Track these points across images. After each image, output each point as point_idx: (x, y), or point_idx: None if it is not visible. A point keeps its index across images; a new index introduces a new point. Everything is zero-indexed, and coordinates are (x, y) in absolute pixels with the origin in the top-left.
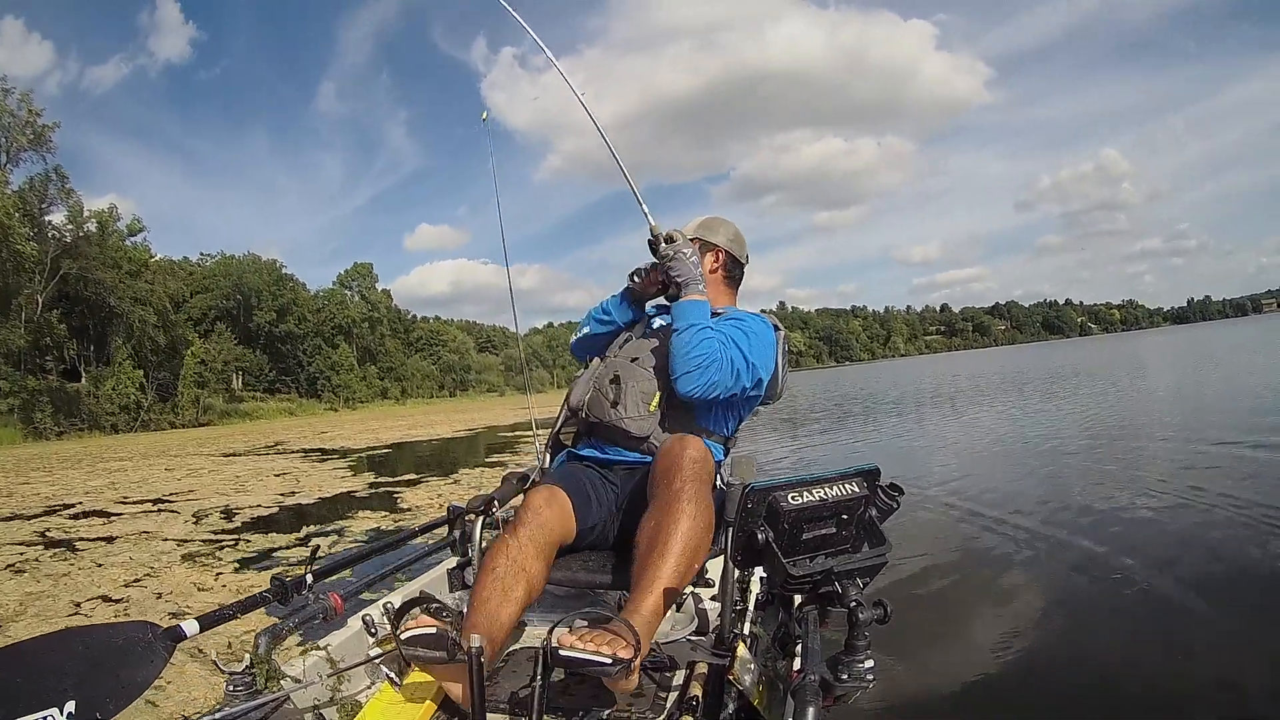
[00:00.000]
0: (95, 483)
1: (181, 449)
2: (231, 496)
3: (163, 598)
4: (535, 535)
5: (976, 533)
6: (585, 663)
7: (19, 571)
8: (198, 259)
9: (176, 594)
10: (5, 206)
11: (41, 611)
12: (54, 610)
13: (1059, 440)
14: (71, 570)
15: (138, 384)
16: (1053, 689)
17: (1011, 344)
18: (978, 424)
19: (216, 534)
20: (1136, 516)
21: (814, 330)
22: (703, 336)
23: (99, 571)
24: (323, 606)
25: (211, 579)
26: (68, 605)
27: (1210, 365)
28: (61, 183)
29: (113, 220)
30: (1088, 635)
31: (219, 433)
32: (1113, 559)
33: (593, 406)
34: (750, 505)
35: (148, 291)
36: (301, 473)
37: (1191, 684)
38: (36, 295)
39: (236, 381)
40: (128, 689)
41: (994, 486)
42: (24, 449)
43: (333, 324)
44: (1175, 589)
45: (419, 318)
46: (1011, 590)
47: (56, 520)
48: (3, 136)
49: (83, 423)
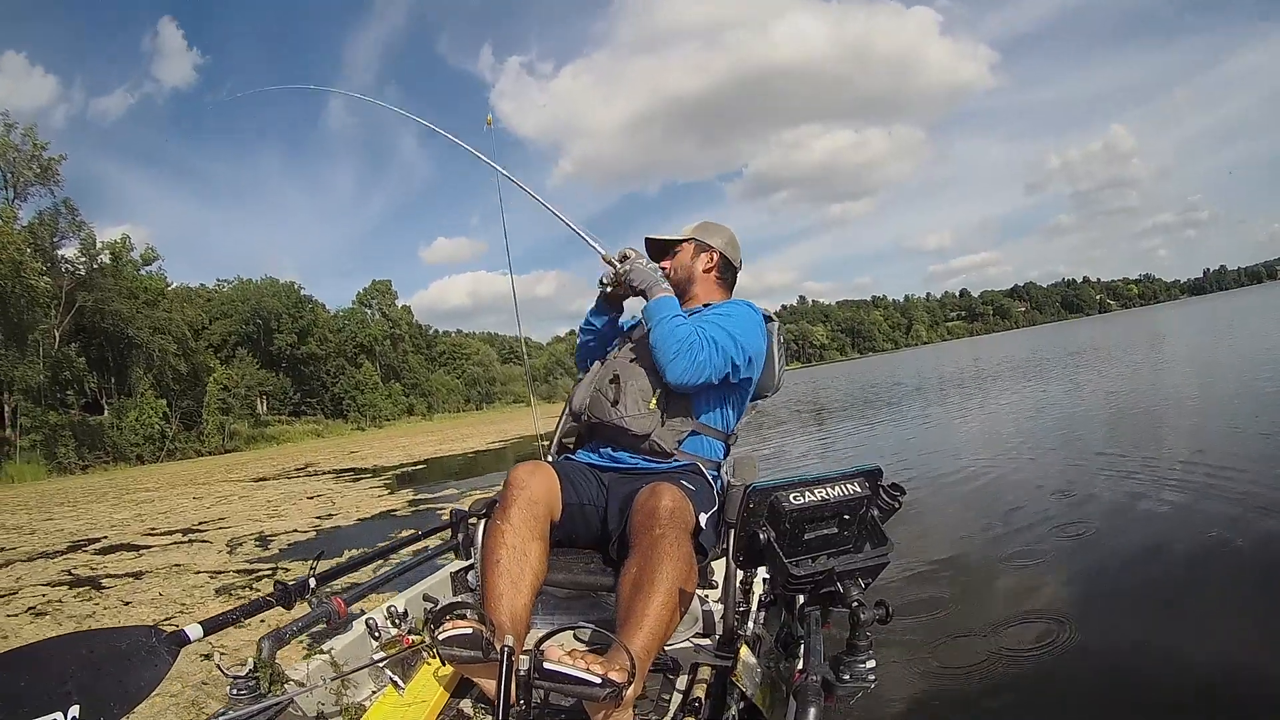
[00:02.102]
0: (121, 515)
1: (209, 476)
2: (265, 522)
3: None
4: (524, 512)
5: (986, 527)
6: (572, 680)
7: (40, 614)
8: (214, 285)
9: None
10: (16, 242)
11: None
12: None
13: (1074, 430)
14: (96, 610)
15: (161, 413)
16: (1059, 689)
17: (1032, 325)
18: (993, 412)
19: (252, 563)
20: (1154, 514)
21: (835, 323)
22: (676, 324)
23: (125, 611)
24: (326, 610)
25: None
26: None
27: (1228, 336)
28: (72, 215)
29: (126, 250)
30: (1095, 635)
31: (246, 458)
32: (1126, 558)
33: (594, 407)
34: (752, 505)
35: (166, 320)
36: (336, 494)
37: (1201, 684)
38: (53, 330)
39: (261, 406)
40: (132, 693)
41: (1006, 480)
42: (48, 484)
43: (354, 343)
44: (1190, 589)
45: (440, 332)
46: (1018, 589)
47: (82, 557)
48: (9, 172)
49: (107, 455)
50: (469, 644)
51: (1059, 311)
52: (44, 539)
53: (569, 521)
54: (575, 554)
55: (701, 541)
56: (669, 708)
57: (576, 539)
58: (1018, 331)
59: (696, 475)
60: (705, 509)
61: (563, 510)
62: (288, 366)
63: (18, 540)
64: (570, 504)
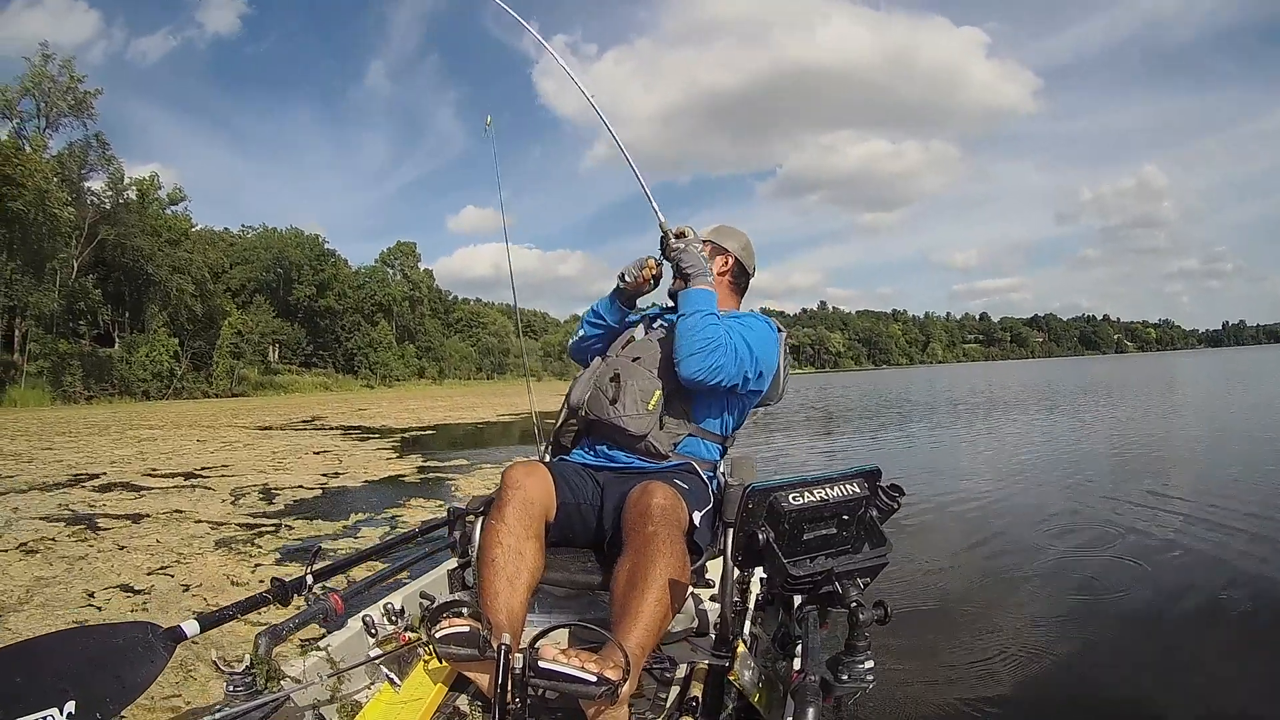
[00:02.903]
0: (123, 452)
1: (214, 419)
2: (270, 474)
3: (190, 591)
4: (520, 511)
5: (987, 538)
6: (567, 678)
7: (31, 552)
8: (238, 230)
9: (206, 587)
10: (43, 170)
11: (49, 601)
12: (64, 600)
13: (1080, 455)
14: (90, 553)
15: (172, 352)
16: (1050, 695)
17: (1048, 357)
18: (1004, 432)
19: (255, 517)
20: (1150, 535)
21: (853, 331)
22: (709, 322)
23: (120, 556)
24: (323, 607)
25: (248, 572)
26: (80, 595)
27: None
28: (102, 149)
29: (154, 188)
30: (1090, 646)
31: (253, 404)
32: (1121, 573)
33: (592, 404)
34: (751, 506)
35: (186, 260)
36: (343, 452)
37: (1184, 700)
38: (72, 260)
39: (273, 354)
40: (128, 689)
41: (1010, 496)
42: (51, 411)
43: (373, 301)
44: (1182, 608)
45: (460, 299)
46: (1015, 597)
47: (80, 493)
48: (42, 101)
49: (113, 388)
50: (466, 642)
51: (1076, 346)
52: (41, 469)
53: (565, 521)
54: (572, 553)
55: (696, 540)
56: (666, 707)
57: (573, 538)
58: (1033, 361)
59: (690, 475)
60: (699, 507)
61: (558, 510)
62: (304, 317)
63: (15, 468)
64: (566, 504)
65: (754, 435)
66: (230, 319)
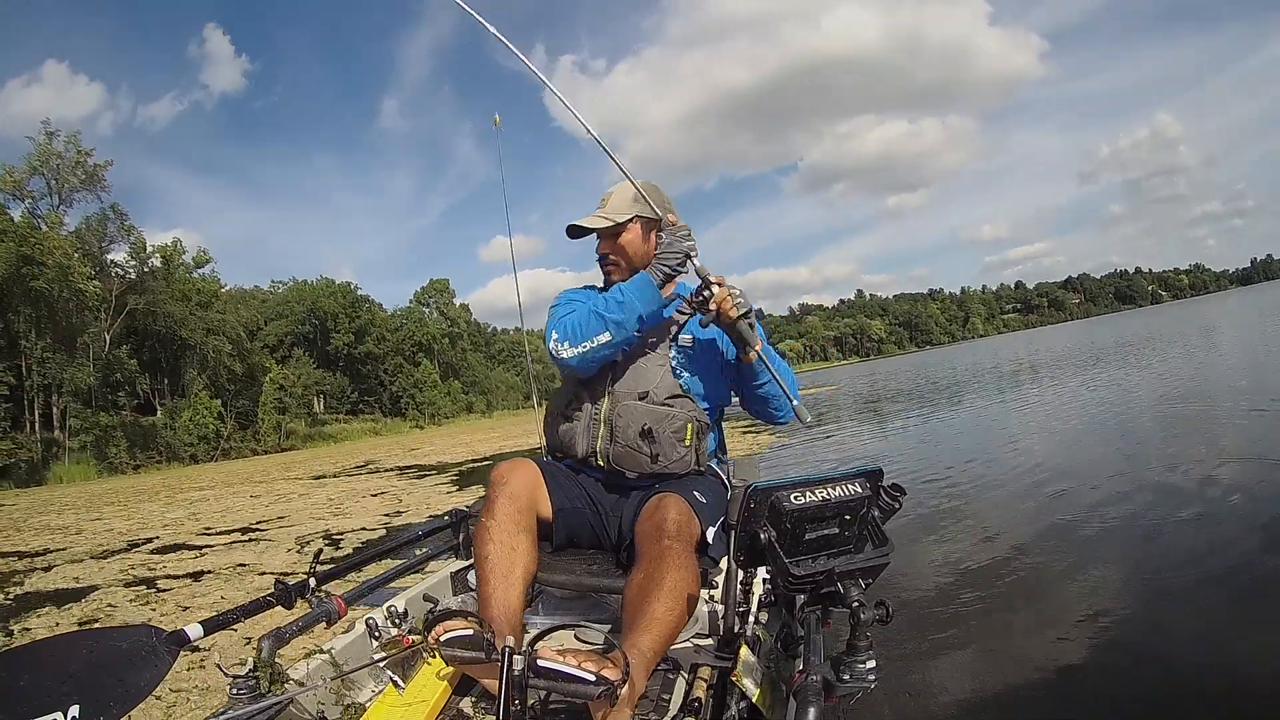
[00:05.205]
0: (175, 514)
1: (265, 475)
2: (329, 520)
3: None
4: (508, 507)
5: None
6: (566, 677)
7: (90, 620)
8: (269, 286)
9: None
10: (62, 247)
11: None
12: None
13: (1111, 422)
14: (152, 617)
15: (216, 413)
16: (1056, 692)
17: (1087, 317)
18: (1028, 405)
19: (323, 563)
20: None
21: (893, 316)
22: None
23: (184, 617)
24: (326, 610)
25: None
26: None
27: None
28: (120, 220)
29: (178, 254)
30: (1101, 641)
31: (304, 456)
32: (1138, 565)
33: (625, 463)
34: (753, 506)
35: (220, 321)
36: (401, 491)
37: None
38: (103, 332)
39: (318, 405)
40: (132, 693)
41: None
42: (97, 484)
43: (412, 342)
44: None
45: (499, 329)
46: (1030, 593)
47: (137, 557)
48: (52, 178)
49: (160, 455)
50: (470, 644)
51: (1112, 303)
52: (93, 539)
53: (565, 525)
54: (577, 555)
55: (712, 555)
56: (669, 708)
57: (578, 542)
58: (1072, 324)
59: (712, 482)
60: (714, 520)
61: (558, 515)
62: (345, 365)
63: (65, 540)
64: (563, 509)
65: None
66: (271, 375)
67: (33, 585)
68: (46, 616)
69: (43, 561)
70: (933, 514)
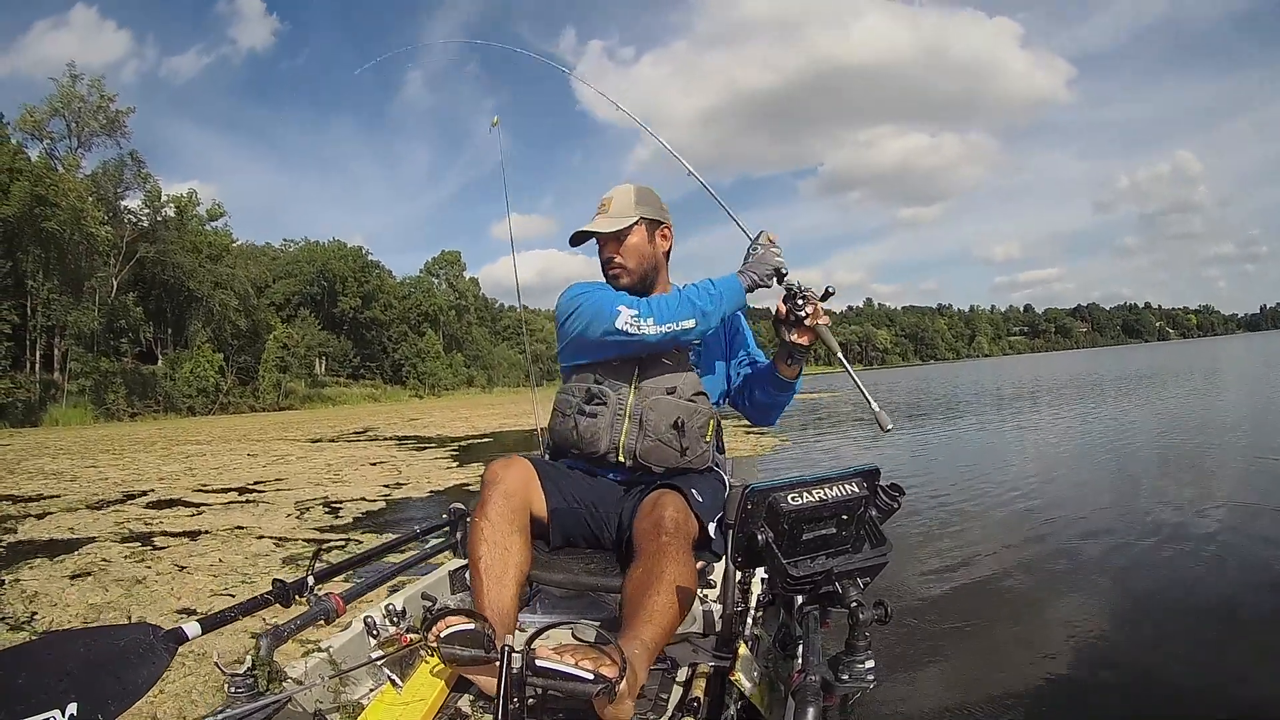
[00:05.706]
0: (170, 468)
1: (263, 433)
2: (328, 487)
3: None
4: (501, 506)
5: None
6: (564, 676)
7: (83, 575)
8: (280, 245)
9: None
10: (76, 189)
11: None
12: None
13: (1108, 451)
14: (148, 575)
15: (217, 367)
16: (1053, 694)
17: (1092, 346)
18: (1037, 427)
19: (323, 531)
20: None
21: (899, 327)
22: None
23: (181, 577)
24: (324, 608)
25: None
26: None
27: None
28: (137, 167)
29: (192, 205)
30: (1096, 646)
31: (301, 417)
32: (1124, 592)
33: (653, 457)
34: (750, 506)
35: (229, 275)
36: (401, 462)
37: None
38: (111, 278)
39: (319, 366)
40: (129, 691)
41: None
42: (94, 429)
43: (419, 311)
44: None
45: (507, 306)
46: (1023, 600)
47: (133, 510)
48: (73, 121)
49: (157, 404)
50: (470, 640)
51: (1119, 335)
52: (87, 487)
53: (561, 524)
54: (574, 554)
55: (714, 549)
56: (667, 707)
57: (575, 541)
58: (1078, 352)
59: (713, 479)
60: (712, 518)
61: (554, 515)
62: (349, 329)
63: (59, 487)
64: (559, 508)
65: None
66: (275, 333)
67: (25, 533)
68: (39, 569)
69: (36, 508)
70: (928, 525)
